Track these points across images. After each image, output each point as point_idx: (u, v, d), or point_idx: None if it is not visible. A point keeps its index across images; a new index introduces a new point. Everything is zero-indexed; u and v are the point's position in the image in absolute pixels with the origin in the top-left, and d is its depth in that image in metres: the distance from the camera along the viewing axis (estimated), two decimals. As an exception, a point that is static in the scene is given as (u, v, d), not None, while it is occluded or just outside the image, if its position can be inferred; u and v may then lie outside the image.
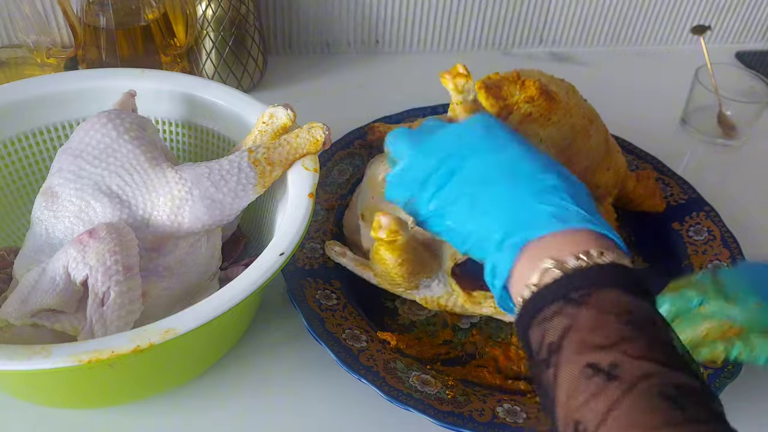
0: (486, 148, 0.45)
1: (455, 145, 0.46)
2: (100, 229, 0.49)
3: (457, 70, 0.50)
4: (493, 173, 0.44)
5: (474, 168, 0.44)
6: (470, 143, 0.46)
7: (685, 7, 1.01)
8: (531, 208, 0.41)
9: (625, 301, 0.36)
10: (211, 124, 0.64)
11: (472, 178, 0.44)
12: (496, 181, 0.43)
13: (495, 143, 0.45)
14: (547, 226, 0.40)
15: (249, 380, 0.57)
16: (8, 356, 0.41)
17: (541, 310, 0.37)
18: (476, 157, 0.45)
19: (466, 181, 0.44)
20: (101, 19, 0.76)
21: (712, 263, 0.65)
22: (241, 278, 0.47)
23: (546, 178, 0.43)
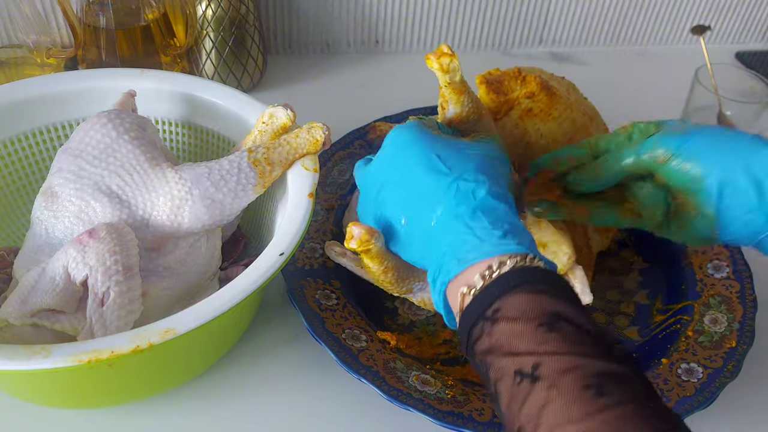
0: (392, 180, 0.46)
1: (375, 177, 0.48)
2: (100, 229, 0.49)
3: (442, 50, 0.50)
4: (401, 209, 0.46)
5: (387, 202, 0.47)
6: (382, 175, 0.47)
7: (685, 7, 1.01)
8: (440, 249, 0.43)
9: (533, 302, 0.37)
10: (211, 124, 0.64)
11: (389, 213, 0.47)
12: (406, 215, 0.45)
13: (398, 173, 0.46)
14: (459, 266, 0.41)
15: (249, 380, 0.57)
16: (8, 356, 0.41)
17: (469, 334, 0.39)
18: (386, 191, 0.47)
19: (386, 216, 0.47)
20: (101, 19, 0.76)
21: (712, 263, 0.65)
22: (241, 278, 0.47)
23: (453, 203, 0.43)
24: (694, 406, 0.53)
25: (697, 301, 0.62)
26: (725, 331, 0.59)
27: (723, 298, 0.62)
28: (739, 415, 0.57)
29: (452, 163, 0.45)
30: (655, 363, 0.57)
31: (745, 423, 0.57)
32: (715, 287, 0.63)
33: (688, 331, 0.59)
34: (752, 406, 0.58)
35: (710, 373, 0.55)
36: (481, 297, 0.39)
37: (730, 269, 0.64)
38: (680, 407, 0.53)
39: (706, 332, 0.59)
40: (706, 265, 0.65)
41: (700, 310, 0.61)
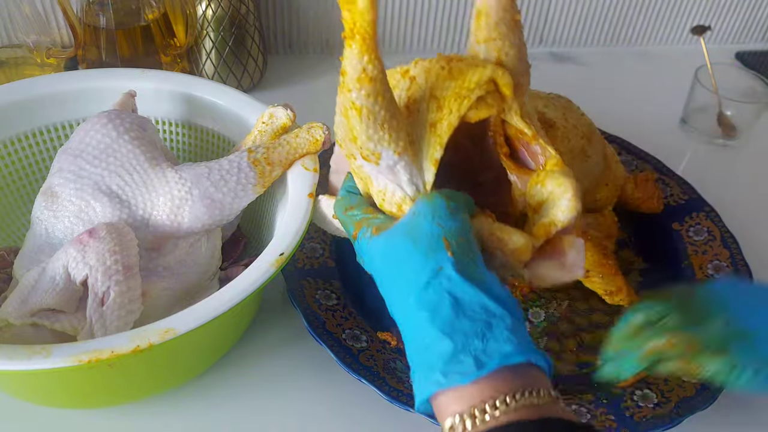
0: (387, 273, 0.41)
1: (374, 262, 0.43)
2: (100, 229, 0.49)
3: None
4: (396, 298, 0.41)
5: (385, 293, 0.42)
6: (378, 266, 0.42)
7: (685, 7, 1.01)
8: (431, 354, 0.36)
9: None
10: (211, 124, 0.64)
11: (388, 301, 0.42)
12: (402, 310, 0.40)
13: (394, 268, 0.41)
14: (449, 381, 0.35)
15: (249, 380, 0.57)
16: (8, 356, 0.41)
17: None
18: (384, 285, 0.42)
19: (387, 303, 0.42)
20: (101, 19, 0.76)
21: (712, 263, 0.65)
22: (241, 278, 0.47)
23: (453, 303, 0.37)
24: (694, 406, 0.53)
25: (697, 301, 0.62)
26: (725, 331, 0.59)
27: (723, 298, 0.62)
28: (739, 415, 0.57)
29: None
30: (655, 363, 0.57)
31: (745, 423, 0.57)
32: (715, 287, 0.63)
33: (688, 331, 0.59)
34: (752, 406, 0.58)
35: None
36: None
37: (730, 269, 0.64)
38: (680, 407, 0.53)
39: (706, 332, 0.59)
40: (706, 265, 0.65)
41: (700, 310, 0.61)
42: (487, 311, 0.37)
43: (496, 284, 0.39)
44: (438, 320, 0.37)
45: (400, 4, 0.92)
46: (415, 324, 0.38)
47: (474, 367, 0.35)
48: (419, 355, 0.38)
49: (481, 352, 0.35)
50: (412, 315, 0.38)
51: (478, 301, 0.37)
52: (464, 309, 0.37)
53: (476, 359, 0.35)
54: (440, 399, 0.36)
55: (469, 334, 0.36)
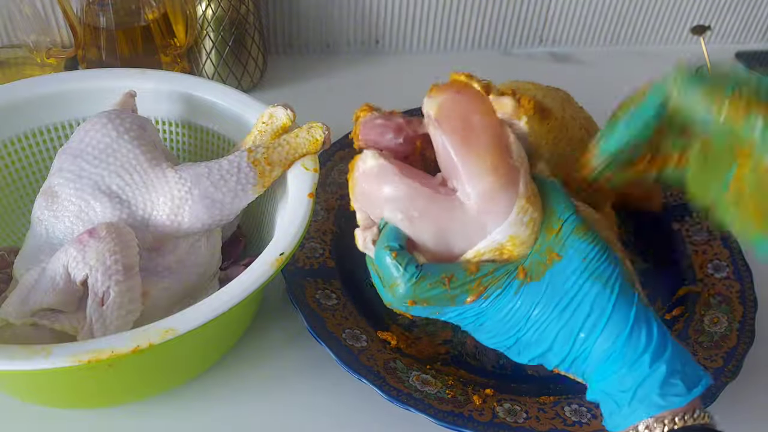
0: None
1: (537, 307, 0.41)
2: (100, 229, 0.49)
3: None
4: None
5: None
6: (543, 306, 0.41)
7: (685, 7, 1.01)
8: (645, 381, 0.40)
9: None
10: (211, 124, 0.64)
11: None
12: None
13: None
14: (667, 404, 0.40)
15: (249, 380, 0.57)
16: (8, 356, 0.41)
17: None
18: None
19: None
20: (101, 19, 0.76)
21: (712, 263, 0.65)
22: (241, 278, 0.47)
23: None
24: (695, 406, 0.53)
25: (697, 301, 0.62)
26: (725, 331, 0.59)
27: (723, 298, 0.62)
28: (739, 415, 0.57)
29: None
30: (655, 363, 0.57)
31: (745, 423, 0.57)
32: (716, 287, 0.63)
33: (688, 331, 0.59)
34: (752, 406, 0.58)
35: (710, 373, 0.55)
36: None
37: (731, 269, 0.64)
38: (680, 407, 0.53)
39: (706, 332, 0.59)
40: (706, 265, 0.65)
41: (700, 310, 0.61)
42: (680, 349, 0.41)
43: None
44: (649, 347, 0.40)
45: (400, 4, 0.92)
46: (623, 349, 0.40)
47: (685, 390, 0.39)
48: (626, 385, 0.40)
49: (685, 376, 0.40)
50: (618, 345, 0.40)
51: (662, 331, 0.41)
52: (666, 336, 0.40)
53: (685, 383, 0.39)
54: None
55: (675, 359, 0.40)
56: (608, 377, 0.40)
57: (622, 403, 0.40)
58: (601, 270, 0.41)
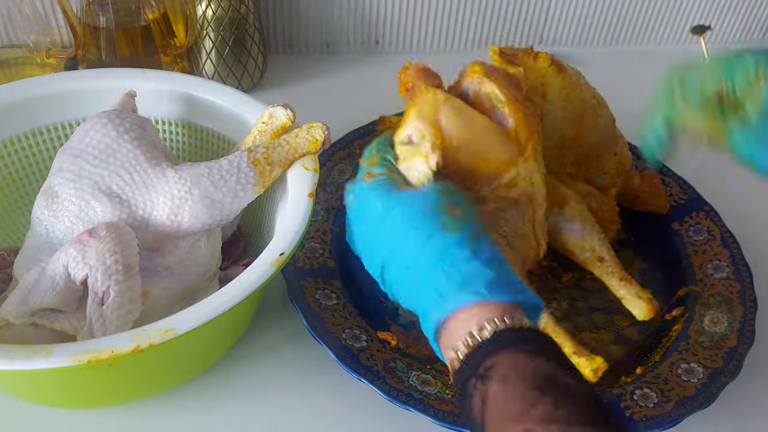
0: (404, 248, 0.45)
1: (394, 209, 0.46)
2: (99, 229, 0.49)
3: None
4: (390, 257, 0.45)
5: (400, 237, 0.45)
6: (389, 241, 0.46)
7: (685, 7, 1.01)
8: (440, 285, 0.42)
9: (525, 366, 0.37)
10: (211, 124, 0.64)
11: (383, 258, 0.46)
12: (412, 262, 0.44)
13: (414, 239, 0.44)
14: (456, 302, 0.41)
15: (249, 380, 0.57)
16: (8, 356, 0.41)
17: (464, 387, 0.38)
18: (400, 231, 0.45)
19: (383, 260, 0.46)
20: (101, 19, 0.76)
21: (712, 263, 0.65)
22: (241, 278, 0.47)
23: (455, 253, 0.43)
24: (694, 406, 0.53)
25: (697, 301, 0.62)
26: (725, 331, 0.59)
27: (723, 298, 0.62)
28: (739, 415, 0.57)
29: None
30: (655, 363, 0.57)
31: (745, 423, 0.57)
32: (715, 287, 0.63)
33: (689, 331, 0.59)
34: (752, 406, 0.58)
35: (710, 373, 0.55)
36: (475, 354, 0.39)
37: (730, 269, 0.64)
38: (680, 407, 0.53)
39: (706, 332, 0.59)
40: (706, 265, 0.65)
41: (700, 310, 0.61)
42: (499, 260, 0.43)
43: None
44: (480, 256, 0.42)
45: (400, 4, 0.92)
46: (455, 254, 0.42)
47: (511, 291, 0.41)
48: (450, 274, 0.42)
49: (517, 282, 0.42)
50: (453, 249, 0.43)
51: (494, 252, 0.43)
52: (499, 256, 0.43)
53: (512, 286, 0.41)
54: (457, 318, 0.41)
55: (505, 269, 0.42)
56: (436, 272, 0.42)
57: (447, 292, 0.41)
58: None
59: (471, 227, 0.44)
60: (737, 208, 0.75)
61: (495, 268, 0.42)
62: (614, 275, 0.58)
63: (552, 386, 0.35)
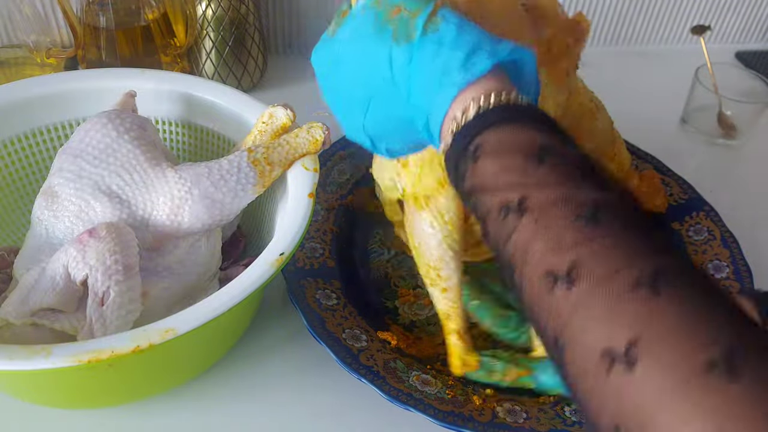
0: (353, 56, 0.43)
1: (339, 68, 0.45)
2: (99, 229, 0.49)
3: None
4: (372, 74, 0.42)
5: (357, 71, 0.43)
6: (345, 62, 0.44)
7: (685, 7, 1.01)
8: (420, 100, 0.40)
9: (517, 136, 0.35)
10: (211, 124, 0.64)
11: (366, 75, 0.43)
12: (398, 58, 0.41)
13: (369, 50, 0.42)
14: (441, 106, 0.38)
15: (249, 380, 0.57)
16: (8, 356, 0.41)
17: (456, 174, 0.37)
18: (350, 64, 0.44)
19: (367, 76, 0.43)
20: (101, 19, 0.76)
21: (712, 263, 0.65)
22: (241, 278, 0.47)
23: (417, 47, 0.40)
24: (694, 406, 0.53)
25: (697, 301, 0.62)
26: (725, 331, 0.59)
27: (723, 298, 0.62)
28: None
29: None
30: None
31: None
32: (715, 287, 0.63)
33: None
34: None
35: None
36: (461, 135, 0.37)
37: (730, 269, 0.64)
38: (680, 407, 0.53)
39: (706, 332, 0.59)
40: (706, 265, 0.65)
41: (700, 310, 0.61)
42: (481, 33, 0.39)
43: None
44: (442, 40, 0.39)
45: (400, 4, 0.92)
46: (420, 57, 0.39)
47: (487, 57, 0.38)
48: (430, 81, 0.39)
49: (491, 47, 0.38)
50: (417, 52, 0.39)
51: (472, 29, 0.39)
52: (463, 28, 0.39)
53: (488, 52, 0.38)
54: (447, 117, 0.38)
55: (476, 39, 0.39)
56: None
57: (434, 91, 0.39)
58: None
59: (421, 18, 0.40)
60: (737, 208, 0.75)
61: (463, 45, 0.38)
62: None
63: (549, 155, 0.34)
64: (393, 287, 0.64)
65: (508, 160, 0.34)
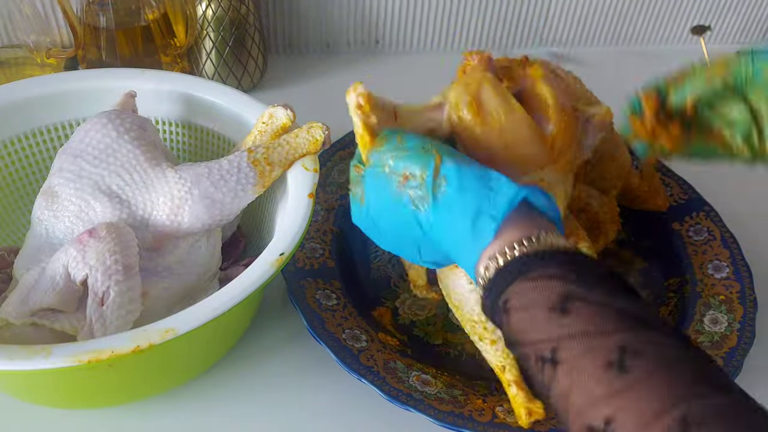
0: (386, 222, 0.46)
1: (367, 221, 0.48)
2: (99, 229, 0.49)
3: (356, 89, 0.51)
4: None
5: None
6: (373, 219, 0.47)
7: (685, 7, 1.01)
8: (459, 230, 0.42)
9: (540, 288, 0.36)
10: (211, 124, 0.64)
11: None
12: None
13: (389, 212, 0.45)
14: (479, 244, 0.40)
15: (249, 380, 0.57)
16: (8, 356, 0.41)
17: (494, 300, 0.39)
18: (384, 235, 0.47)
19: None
20: (101, 19, 0.76)
21: (712, 263, 0.65)
22: (241, 278, 0.47)
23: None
24: (694, 406, 0.53)
25: (697, 301, 0.62)
26: (725, 331, 0.59)
27: (723, 298, 0.62)
28: (739, 415, 0.57)
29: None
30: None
31: (745, 423, 0.57)
32: (716, 287, 0.63)
33: (689, 331, 0.59)
34: (752, 406, 0.58)
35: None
36: (489, 291, 0.39)
37: (731, 269, 0.64)
38: (680, 407, 0.53)
39: (706, 332, 0.59)
40: (706, 265, 0.65)
41: (701, 310, 0.61)
42: (482, 176, 0.42)
43: (474, 162, 0.44)
44: (452, 205, 0.42)
45: (400, 4, 0.92)
46: (439, 221, 0.42)
47: (492, 221, 0.40)
48: (457, 244, 0.42)
49: (492, 205, 0.40)
50: (440, 229, 0.42)
51: (473, 173, 0.42)
52: (464, 186, 0.41)
53: (492, 212, 0.40)
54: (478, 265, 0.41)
55: (477, 199, 0.41)
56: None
57: (459, 252, 0.42)
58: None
59: (428, 183, 0.42)
60: (737, 208, 0.75)
61: (468, 209, 0.41)
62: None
63: (572, 300, 0.35)
64: (393, 287, 0.64)
65: (534, 314, 0.36)
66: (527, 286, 0.37)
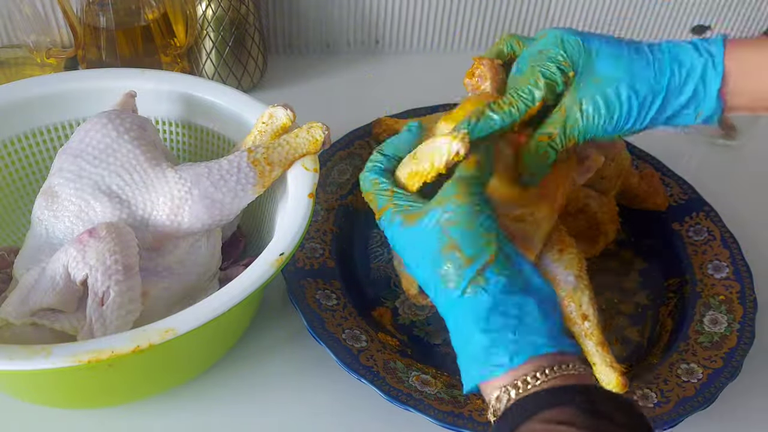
0: (418, 263, 0.43)
1: (405, 251, 0.45)
2: (99, 229, 0.49)
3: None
4: (434, 289, 0.42)
5: (419, 278, 0.44)
6: (409, 255, 0.44)
7: (685, 7, 1.01)
8: (472, 347, 0.40)
9: (559, 429, 0.35)
10: (211, 124, 0.64)
11: (424, 286, 0.44)
12: (442, 302, 0.42)
13: (428, 262, 0.42)
14: (488, 373, 0.39)
15: (249, 380, 0.57)
16: (8, 356, 0.41)
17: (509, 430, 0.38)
18: (415, 271, 0.44)
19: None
20: (101, 19, 0.76)
21: (712, 263, 0.65)
22: (241, 278, 0.47)
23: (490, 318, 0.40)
24: (694, 406, 0.53)
25: (697, 302, 0.62)
26: (725, 331, 0.59)
27: (723, 299, 0.62)
28: (739, 415, 0.57)
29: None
30: (655, 363, 0.57)
31: (745, 423, 0.57)
32: (715, 287, 0.63)
33: (688, 331, 0.59)
34: (752, 406, 0.58)
35: (710, 373, 0.55)
36: (501, 421, 0.38)
37: (730, 269, 0.64)
38: (680, 407, 0.53)
39: (706, 332, 0.59)
40: (706, 265, 0.65)
41: (700, 310, 0.61)
42: (520, 307, 0.39)
43: (534, 275, 0.41)
44: (476, 318, 0.40)
45: (400, 4, 0.92)
46: (455, 319, 0.41)
47: (507, 359, 0.38)
48: (463, 346, 0.41)
49: (513, 344, 0.38)
50: (451, 311, 0.41)
51: (512, 301, 0.39)
52: (498, 308, 0.39)
53: (510, 352, 0.38)
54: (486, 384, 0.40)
55: (502, 329, 0.39)
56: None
57: (469, 366, 0.40)
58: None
59: (469, 272, 0.40)
60: (737, 208, 0.75)
61: (492, 329, 0.39)
62: (592, 338, 0.54)
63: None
64: (393, 287, 0.64)
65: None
66: (539, 426, 0.36)
